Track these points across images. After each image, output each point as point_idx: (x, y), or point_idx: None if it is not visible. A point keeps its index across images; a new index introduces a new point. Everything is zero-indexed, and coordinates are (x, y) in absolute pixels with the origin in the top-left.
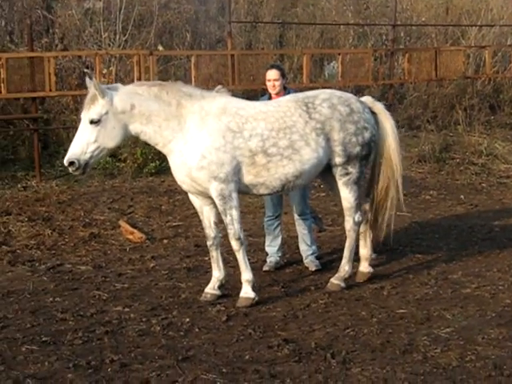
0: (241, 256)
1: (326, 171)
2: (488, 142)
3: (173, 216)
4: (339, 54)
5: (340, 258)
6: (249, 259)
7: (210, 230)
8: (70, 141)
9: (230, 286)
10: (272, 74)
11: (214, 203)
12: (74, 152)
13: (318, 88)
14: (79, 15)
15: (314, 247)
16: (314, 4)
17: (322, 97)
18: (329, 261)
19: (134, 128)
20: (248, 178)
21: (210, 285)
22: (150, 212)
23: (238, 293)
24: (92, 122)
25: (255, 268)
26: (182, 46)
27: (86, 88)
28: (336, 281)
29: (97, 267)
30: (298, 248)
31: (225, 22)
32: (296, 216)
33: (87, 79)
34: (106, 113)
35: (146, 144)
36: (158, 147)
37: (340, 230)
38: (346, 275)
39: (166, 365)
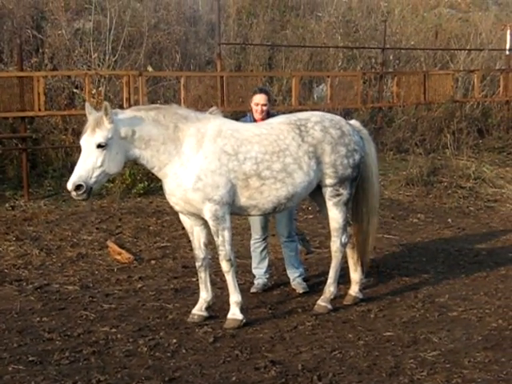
0: (230, 278)
1: (316, 192)
2: (476, 165)
3: (161, 237)
4: (328, 77)
5: (326, 281)
6: (237, 281)
7: (199, 251)
8: (59, 160)
9: (218, 307)
10: (260, 99)
11: (204, 224)
12: (80, 175)
13: (306, 110)
14: (69, 35)
15: (301, 269)
16: (303, 26)
17: (314, 119)
18: (316, 283)
19: (133, 153)
20: (241, 200)
21: (198, 306)
22: (138, 233)
23: (226, 314)
24: (99, 147)
25: (243, 290)
26: (171, 67)
27: (74, 108)
28: (323, 303)
29: (84, 287)
30: (285, 270)
31: (214, 43)
32: (283, 238)
33: (86, 104)
34: (112, 138)
35: (135, 164)
36: (154, 171)
37: (327, 252)
38: (332, 296)
39: None
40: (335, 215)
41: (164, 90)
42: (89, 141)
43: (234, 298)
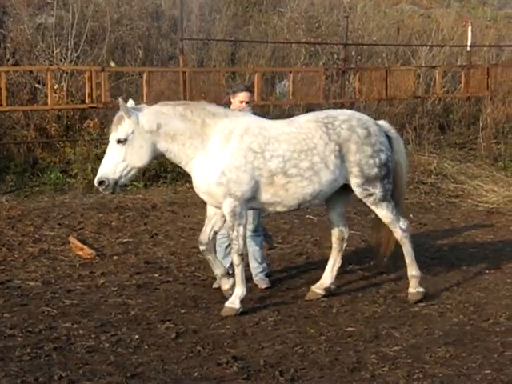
0: (239, 271)
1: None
2: (437, 161)
3: (123, 232)
4: (290, 73)
5: (290, 276)
6: (198, 276)
7: (205, 236)
8: (21, 156)
9: (180, 303)
10: (246, 96)
11: (224, 218)
12: (103, 171)
13: (268, 106)
14: (31, 30)
15: (264, 265)
16: (266, 22)
17: (342, 118)
18: (278, 278)
19: (161, 147)
20: (265, 196)
21: (218, 281)
22: (100, 228)
23: (188, 309)
24: (119, 142)
25: (205, 285)
26: (133, 63)
27: (36, 103)
28: (413, 290)
29: (46, 283)
30: (247, 265)
31: (177, 39)
32: (249, 233)
33: (119, 100)
34: (132, 132)
35: (98, 159)
36: (181, 165)
37: (290, 247)
38: (419, 279)
39: (115, 381)
40: (380, 213)
41: (126, 86)
42: (112, 137)
43: (239, 290)
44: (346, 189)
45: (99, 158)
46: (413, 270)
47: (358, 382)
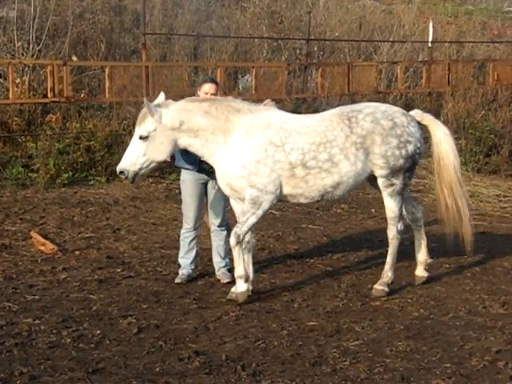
0: (236, 252)
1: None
2: None
3: (85, 227)
4: (253, 68)
5: (253, 271)
6: (160, 271)
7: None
8: None
9: (142, 298)
10: (210, 88)
11: None
12: (124, 163)
13: None
14: None
15: (227, 260)
16: (228, 17)
17: (367, 111)
18: None
19: (183, 142)
20: (286, 188)
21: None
22: (62, 223)
23: (150, 305)
24: (141, 138)
25: (167, 280)
26: (96, 57)
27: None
28: (380, 286)
29: (7, 278)
30: (210, 260)
31: (139, 33)
32: (214, 227)
33: (144, 99)
34: (155, 129)
35: (60, 154)
36: (204, 159)
37: (254, 242)
38: (389, 281)
39: (76, 377)
40: (390, 205)
41: (89, 80)
42: (135, 132)
43: (238, 272)
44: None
45: (61, 153)
46: (389, 271)
47: (319, 377)
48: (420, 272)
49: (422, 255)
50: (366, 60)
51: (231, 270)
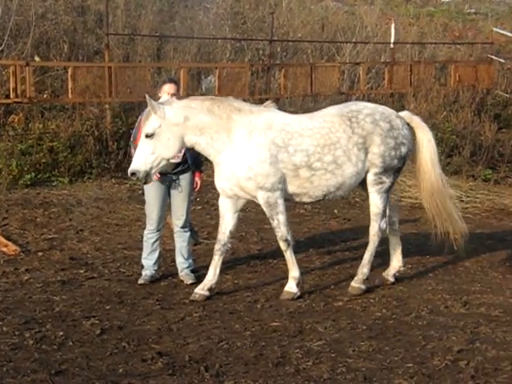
0: (288, 255)
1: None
2: None
3: (48, 228)
4: (216, 68)
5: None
6: (124, 272)
7: (223, 235)
8: None
9: (105, 298)
10: (170, 88)
11: (237, 214)
12: (134, 164)
13: None
14: None
15: (190, 260)
16: (191, 18)
17: (366, 112)
18: (204, 274)
19: (189, 139)
20: (291, 188)
21: (201, 285)
22: (25, 224)
23: (112, 306)
24: (147, 136)
25: (131, 281)
26: (59, 58)
27: None
28: (356, 284)
29: None
30: (173, 261)
31: (102, 34)
32: (177, 228)
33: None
34: (159, 126)
35: (22, 155)
36: (210, 158)
37: (229, 247)
38: (364, 277)
39: (39, 379)
40: (376, 201)
41: (51, 81)
42: (142, 132)
43: (293, 273)
44: None
45: (24, 154)
46: (365, 268)
47: (282, 377)
48: (389, 276)
49: (397, 261)
50: (328, 61)
51: (194, 270)
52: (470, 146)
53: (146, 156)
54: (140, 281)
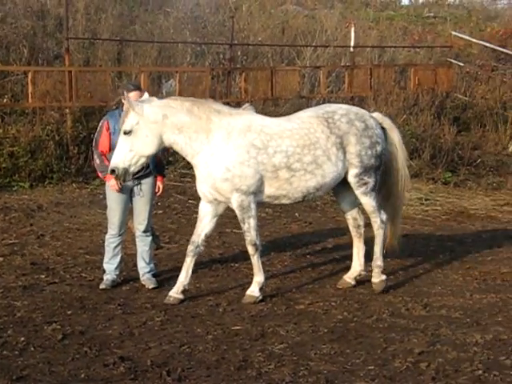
0: (255, 260)
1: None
2: None
3: (8, 234)
4: (177, 72)
5: (177, 276)
6: (85, 277)
7: (198, 238)
8: None
9: (67, 304)
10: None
11: (215, 219)
12: (114, 160)
13: None
14: None
15: (151, 265)
16: (152, 22)
17: (340, 112)
18: (166, 278)
19: (168, 138)
20: (270, 190)
21: (175, 289)
22: None
23: (74, 311)
24: (125, 133)
25: (92, 286)
26: (18, 62)
27: None
28: (376, 279)
29: None
30: (134, 266)
31: (62, 38)
32: (139, 233)
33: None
34: (137, 123)
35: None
36: (188, 158)
37: (177, 247)
38: (381, 269)
39: None
40: (367, 201)
41: (11, 85)
42: (121, 130)
43: (258, 278)
44: None
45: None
46: (378, 260)
47: (244, 380)
48: (349, 278)
49: (358, 265)
50: (289, 65)
51: (156, 275)
52: (430, 149)
53: (124, 153)
54: (101, 286)
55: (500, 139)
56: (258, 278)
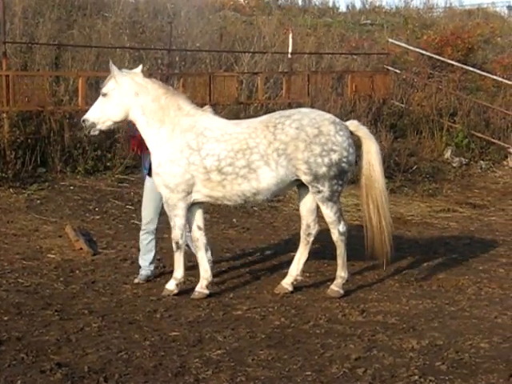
0: (177, 256)
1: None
2: None
3: None
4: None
5: (114, 282)
6: (22, 283)
7: (194, 233)
8: None
9: (3, 310)
10: None
11: (201, 210)
12: (87, 114)
13: None
14: None
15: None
16: (90, 27)
17: (295, 117)
18: (103, 284)
19: (133, 114)
20: (204, 190)
21: (199, 284)
22: None
23: (11, 317)
24: (102, 95)
25: (29, 292)
26: None
27: None
28: (335, 288)
29: None
30: (71, 272)
31: None
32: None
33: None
34: (114, 89)
35: None
36: (145, 140)
37: (114, 253)
38: (343, 281)
39: None
40: (324, 211)
41: None
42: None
43: (176, 273)
44: None
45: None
46: (342, 272)
47: None
48: (286, 284)
49: (296, 270)
50: (227, 70)
51: (93, 280)
52: None
53: (96, 111)
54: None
55: (436, 146)
56: (177, 273)
